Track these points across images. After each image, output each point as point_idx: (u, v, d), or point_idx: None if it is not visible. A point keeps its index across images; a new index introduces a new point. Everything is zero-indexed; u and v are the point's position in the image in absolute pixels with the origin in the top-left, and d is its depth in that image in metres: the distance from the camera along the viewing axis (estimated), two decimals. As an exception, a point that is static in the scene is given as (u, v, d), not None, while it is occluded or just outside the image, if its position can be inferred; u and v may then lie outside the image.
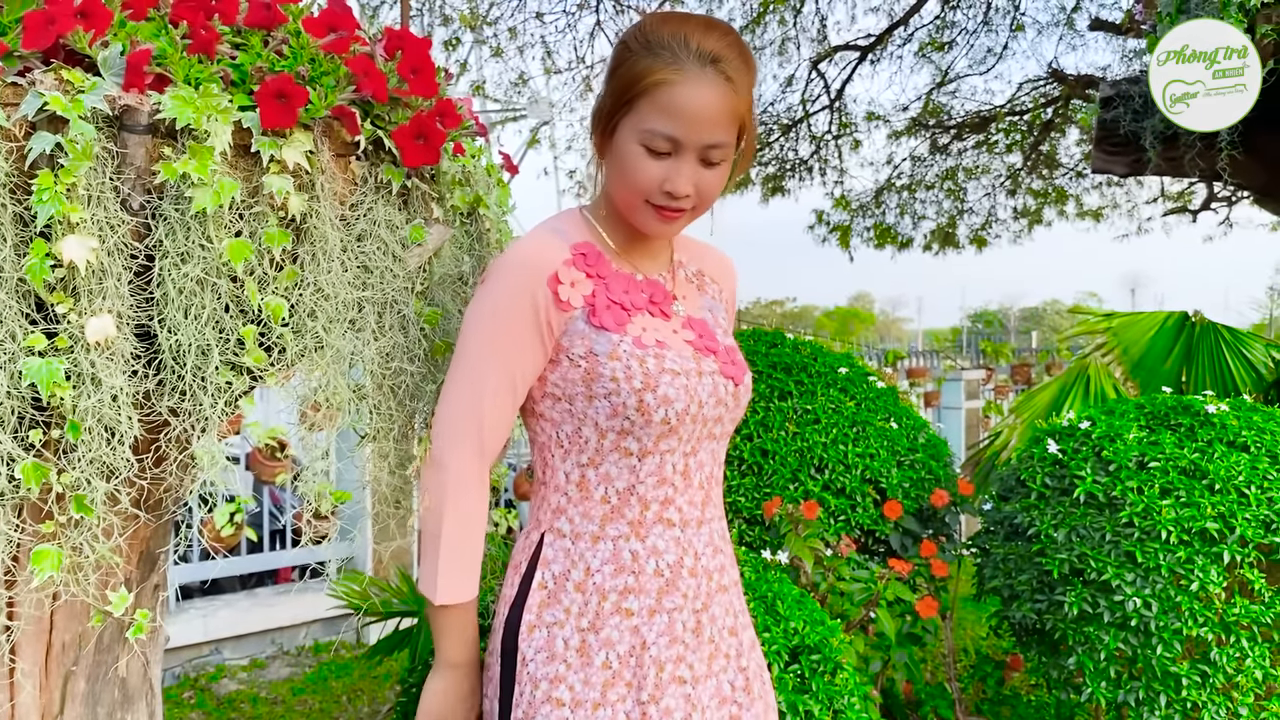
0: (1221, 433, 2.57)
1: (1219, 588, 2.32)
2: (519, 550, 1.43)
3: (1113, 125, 3.64)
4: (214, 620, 5.41)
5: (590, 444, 1.38)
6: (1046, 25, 11.54)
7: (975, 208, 13.64)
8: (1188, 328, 5.50)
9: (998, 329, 39.23)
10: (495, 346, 1.39)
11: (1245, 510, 2.37)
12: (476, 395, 1.40)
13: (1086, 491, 2.53)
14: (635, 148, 1.35)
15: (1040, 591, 2.53)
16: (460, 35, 10.42)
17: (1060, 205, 13.58)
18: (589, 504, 1.38)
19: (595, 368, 1.36)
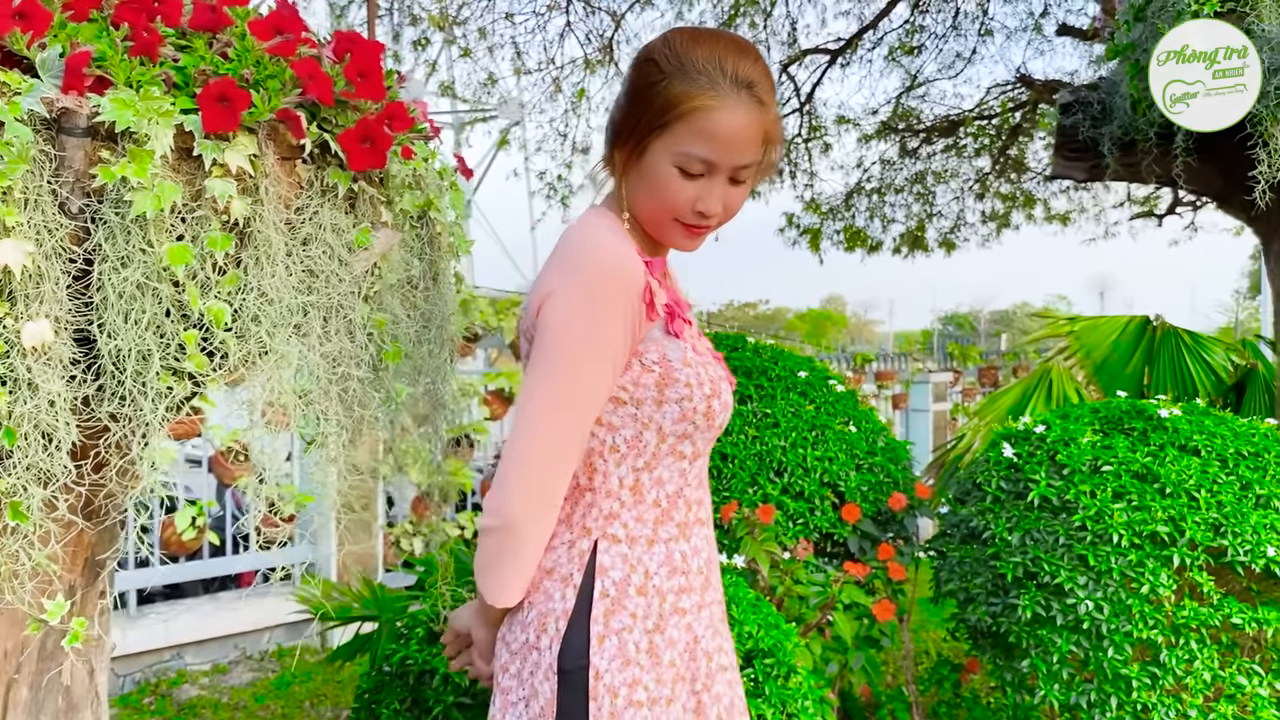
0: (1174, 437, 2.60)
1: (1169, 590, 2.34)
2: (562, 560, 1.38)
3: (1072, 131, 3.68)
4: (175, 625, 5.36)
5: (649, 448, 1.39)
6: (1015, 30, 11.65)
7: (944, 211, 13.72)
8: (1149, 332, 5.57)
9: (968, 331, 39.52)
10: (598, 376, 1.34)
11: (1195, 514, 2.40)
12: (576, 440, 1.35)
13: (1040, 495, 2.55)
14: (669, 168, 1.38)
15: (995, 594, 2.55)
16: (429, 35, 10.38)
17: (1028, 209, 13.69)
18: (642, 508, 1.40)
19: (670, 373, 1.38)
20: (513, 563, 1.34)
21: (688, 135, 1.35)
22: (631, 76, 1.41)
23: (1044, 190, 13.06)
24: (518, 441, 1.33)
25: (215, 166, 1.35)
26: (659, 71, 1.37)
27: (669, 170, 1.37)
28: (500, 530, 1.33)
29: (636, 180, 1.41)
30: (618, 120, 1.43)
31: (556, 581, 1.37)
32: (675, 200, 1.39)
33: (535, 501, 1.32)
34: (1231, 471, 2.50)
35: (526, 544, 1.34)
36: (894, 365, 10.77)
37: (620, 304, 1.33)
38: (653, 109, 1.37)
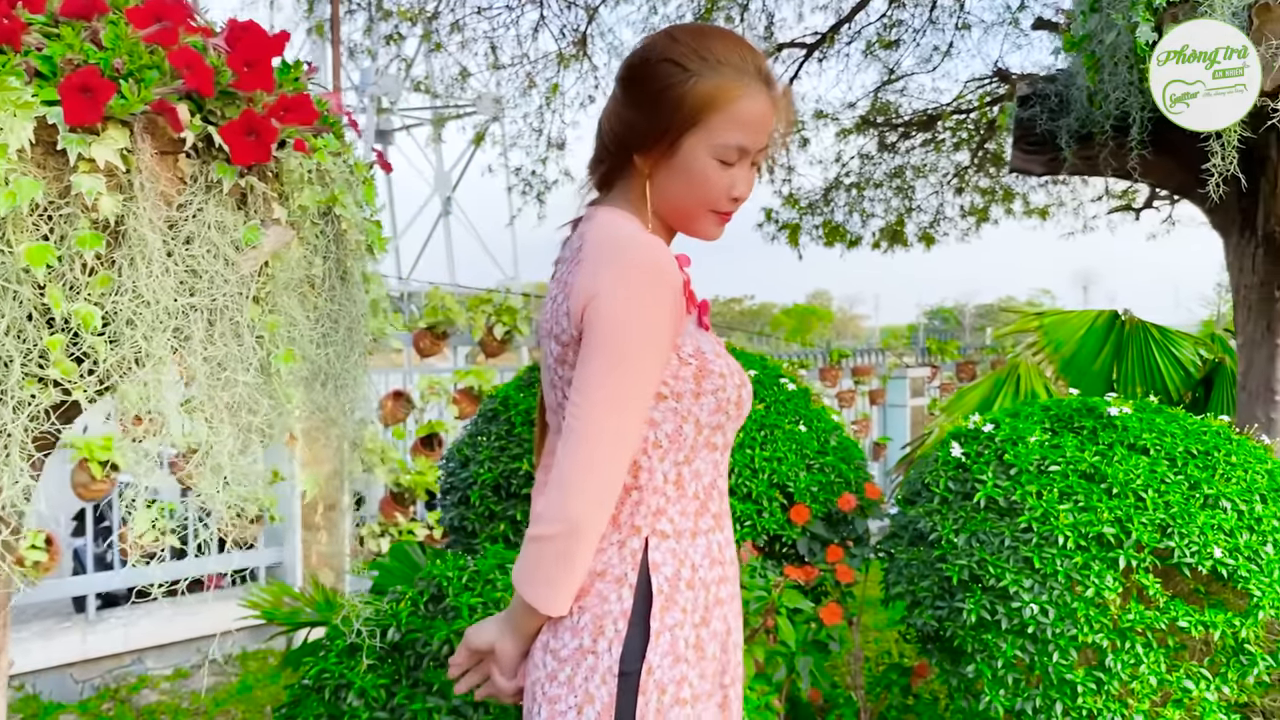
0: (1123, 435, 2.55)
1: (1114, 593, 2.29)
2: (614, 561, 1.38)
3: (1029, 124, 3.63)
4: (135, 630, 5.29)
5: (689, 441, 1.41)
6: (992, 24, 11.60)
7: (923, 206, 13.67)
8: (1118, 327, 5.53)
9: (953, 325, 39.61)
10: (655, 372, 1.36)
11: (1142, 514, 2.35)
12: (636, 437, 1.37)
13: (987, 496, 2.50)
14: (707, 161, 1.42)
15: (941, 598, 2.50)
16: (401, 30, 10.27)
17: (1007, 203, 13.66)
18: (685, 501, 1.42)
19: (705, 365, 1.41)
20: (572, 568, 1.34)
21: (725, 126, 1.40)
22: (644, 80, 1.43)
23: (1023, 184, 13.03)
24: (582, 441, 1.32)
25: (81, 161, 1.28)
26: (683, 71, 1.41)
27: (707, 163, 1.42)
28: (562, 536, 1.32)
29: (667, 178, 1.44)
30: (638, 125, 1.44)
31: (610, 583, 1.37)
32: (714, 191, 1.44)
33: (599, 503, 1.33)
34: (1180, 471, 2.45)
35: (586, 547, 1.34)
36: (872, 360, 10.70)
37: (670, 299, 1.36)
38: (685, 107, 1.40)
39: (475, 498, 2.87)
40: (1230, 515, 2.37)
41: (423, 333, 6.85)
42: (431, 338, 6.88)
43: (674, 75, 1.41)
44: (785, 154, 12.77)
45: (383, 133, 21.59)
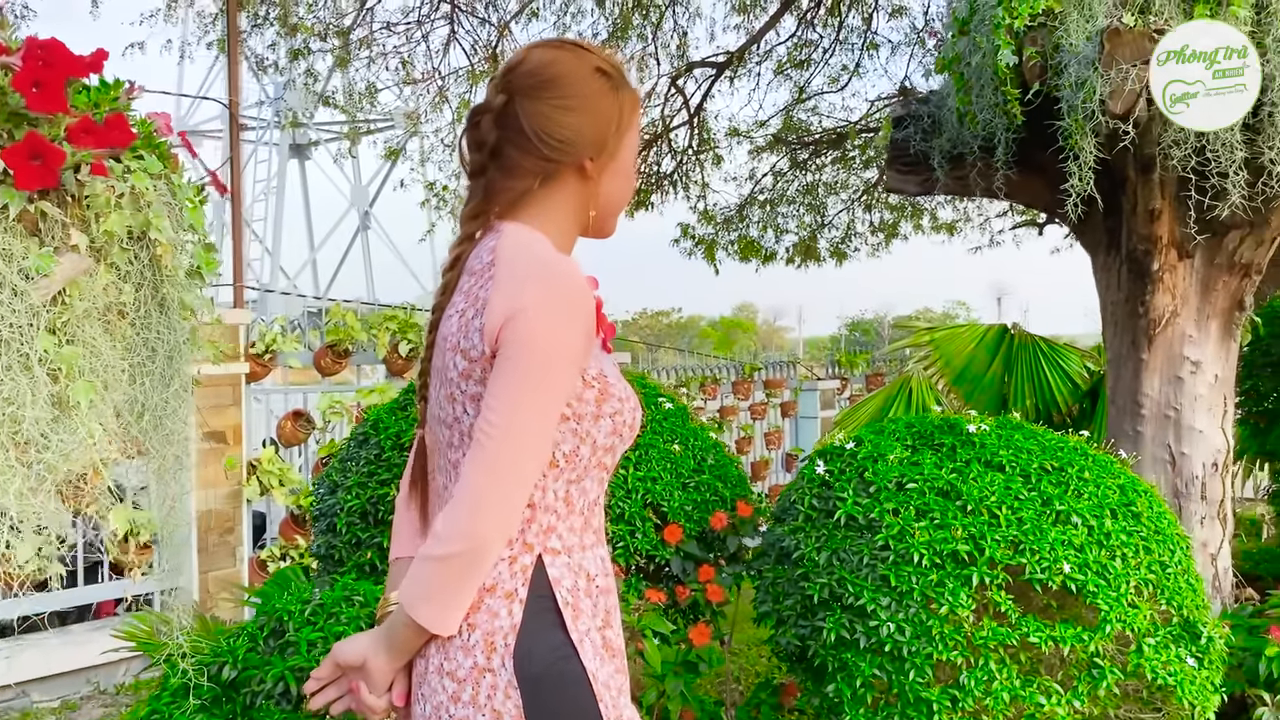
0: (980, 452, 2.58)
1: (967, 610, 2.31)
2: (504, 577, 1.37)
3: (904, 145, 3.68)
4: (18, 661, 5.08)
5: (583, 461, 1.41)
6: (899, 44, 11.81)
7: (835, 222, 13.87)
8: (1007, 340, 5.64)
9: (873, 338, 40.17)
10: (565, 397, 1.37)
11: (995, 531, 2.38)
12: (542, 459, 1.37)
13: (847, 514, 2.51)
14: (632, 160, 1.53)
15: (803, 616, 2.50)
16: (309, 44, 10.12)
17: (916, 220, 13.91)
18: (573, 518, 1.43)
19: (607, 388, 1.42)
20: (469, 588, 1.33)
21: (636, 128, 1.52)
22: (579, 88, 1.46)
23: (931, 200, 13.29)
24: (495, 459, 1.32)
25: None
26: (610, 81, 1.48)
27: (632, 161, 1.53)
28: (466, 554, 1.31)
29: (611, 180, 1.49)
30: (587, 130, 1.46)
31: (500, 598, 1.36)
32: (633, 186, 1.55)
33: (507, 522, 1.34)
34: (1034, 487, 2.49)
35: (486, 566, 1.34)
36: (782, 373, 10.80)
37: (588, 322, 1.37)
38: (620, 114, 1.48)
39: (341, 524, 2.81)
40: (1081, 531, 2.41)
41: (324, 351, 6.72)
42: (333, 356, 6.75)
43: (605, 85, 1.47)
44: (701, 171, 12.88)
45: (299, 147, 21.29)
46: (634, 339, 46.77)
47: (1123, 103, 2.82)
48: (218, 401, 6.32)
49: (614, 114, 1.47)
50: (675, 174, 12.52)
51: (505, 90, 1.46)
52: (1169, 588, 2.47)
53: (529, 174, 1.45)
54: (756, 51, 11.87)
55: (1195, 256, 3.38)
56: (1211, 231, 3.32)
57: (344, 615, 2.02)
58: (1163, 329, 3.41)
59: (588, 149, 1.45)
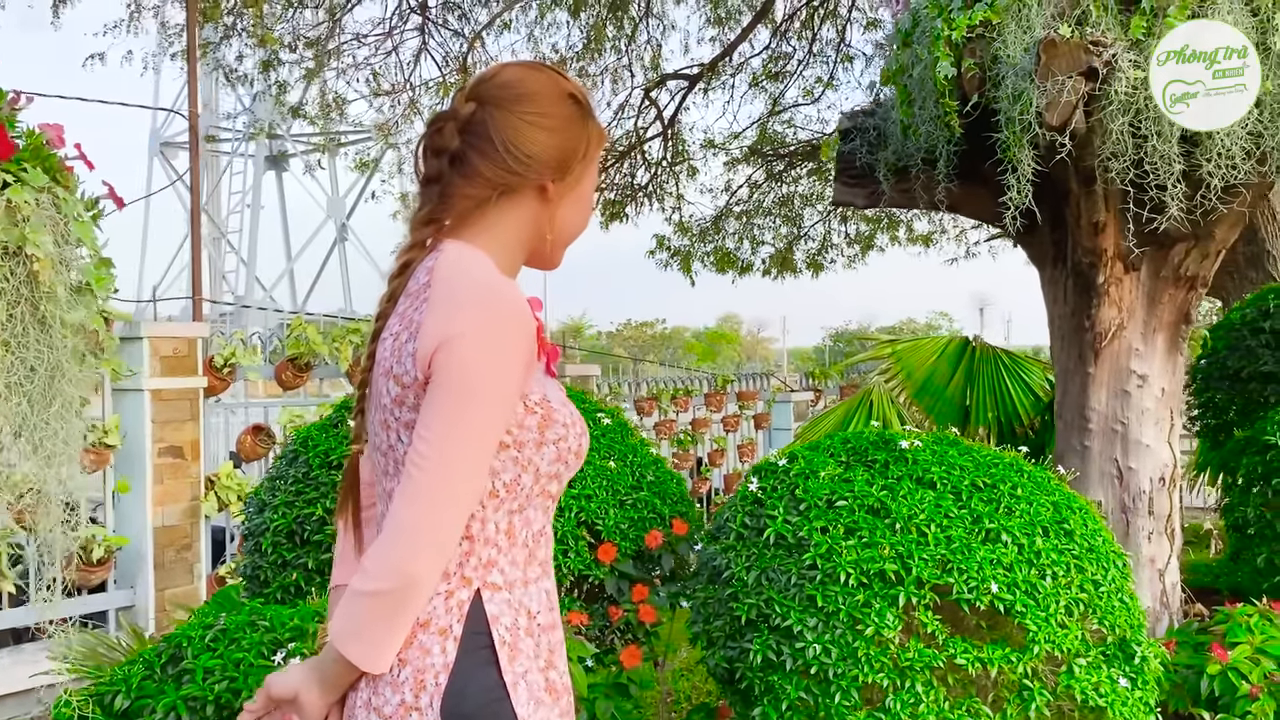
0: (912, 469, 2.54)
1: (894, 631, 2.27)
2: (439, 613, 1.31)
3: (850, 157, 3.65)
4: (-38, 682, 4.98)
5: (524, 490, 1.36)
6: (872, 56, 11.83)
7: (811, 233, 13.88)
8: (969, 353, 5.62)
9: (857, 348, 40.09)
10: (501, 425, 1.31)
11: (923, 550, 2.33)
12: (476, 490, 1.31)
13: (777, 532, 2.46)
14: (591, 192, 1.50)
15: (732, 638, 2.45)
16: (279, 56, 10.06)
17: (892, 231, 13.93)
18: (515, 551, 1.37)
19: (551, 414, 1.36)
20: (400, 625, 1.27)
21: (596, 163, 1.49)
22: (554, 108, 1.43)
23: (906, 212, 13.30)
24: (426, 491, 1.26)
25: None
26: (579, 106, 1.45)
27: (590, 194, 1.49)
28: (398, 591, 1.25)
29: (569, 206, 1.46)
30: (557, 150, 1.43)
31: (434, 635, 1.31)
32: (588, 219, 1.51)
33: (438, 556, 1.28)
34: (965, 504, 2.45)
35: (419, 603, 1.28)
36: (755, 385, 10.76)
37: (526, 348, 1.32)
38: (587, 139, 1.45)
39: (267, 544, 2.75)
40: (1010, 549, 2.37)
41: (285, 364, 6.65)
42: (294, 370, 6.67)
43: (575, 110, 1.44)
44: (675, 183, 12.88)
45: (276, 158, 21.17)
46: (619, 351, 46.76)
47: (1059, 114, 2.79)
48: (175, 416, 6.24)
49: (581, 141, 1.45)
50: (650, 186, 12.52)
51: (475, 99, 1.42)
52: (1101, 606, 2.43)
53: (489, 185, 1.40)
54: (730, 64, 11.88)
55: (1141, 269, 3.36)
56: (1157, 244, 3.30)
57: (245, 641, 1.96)
58: (1109, 342, 3.38)
59: (552, 170, 1.42)
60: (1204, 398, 4.67)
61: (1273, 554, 3.47)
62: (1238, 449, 3.84)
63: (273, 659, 1.94)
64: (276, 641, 1.99)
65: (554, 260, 1.51)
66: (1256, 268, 6.65)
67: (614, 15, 11.72)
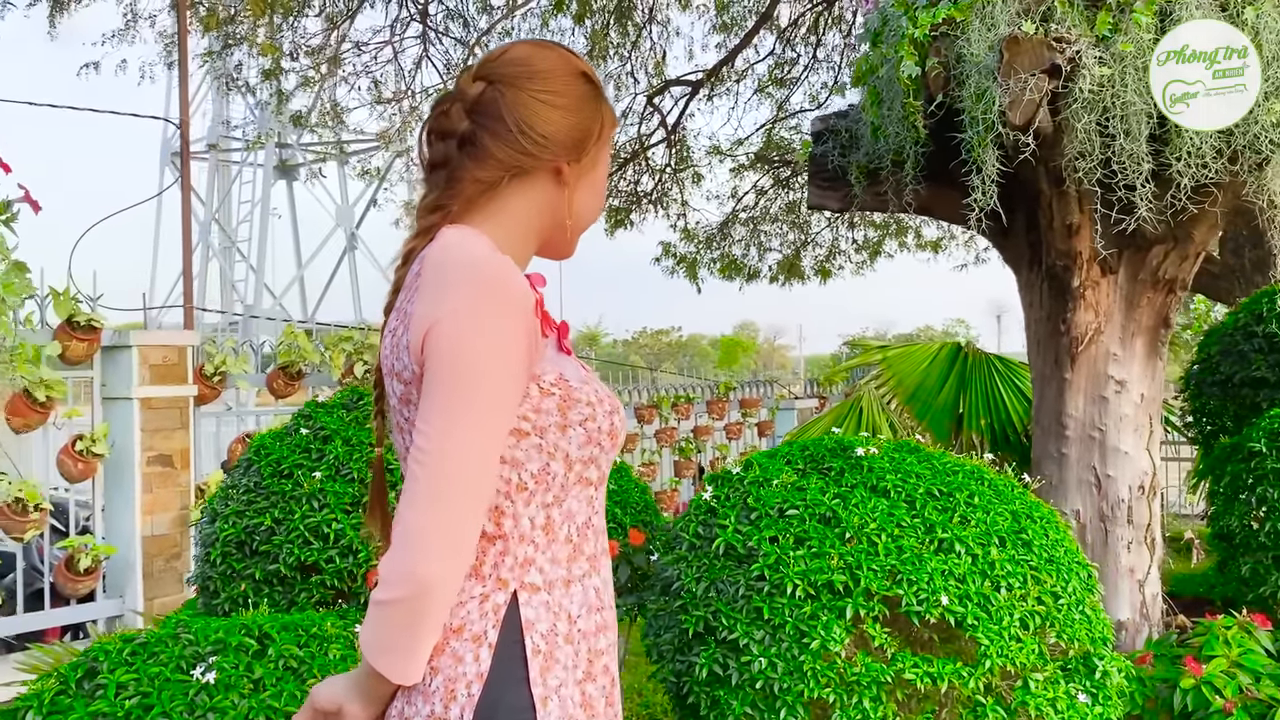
0: (867, 476, 2.48)
1: (840, 645, 2.20)
2: (473, 618, 1.23)
3: (823, 160, 3.59)
4: (-53, 693, 4.96)
5: (558, 479, 1.28)
6: (876, 61, 11.70)
7: (819, 240, 13.80)
8: (961, 358, 5.54)
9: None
10: (508, 408, 1.21)
11: (873, 561, 2.27)
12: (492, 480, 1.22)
13: (726, 542, 2.40)
14: (605, 176, 1.42)
15: (680, 651, 2.39)
16: (280, 64, 10.08)
17: (900, 237, 13.83)
18: (555, 547, 1.28)
19: (570, 393, 1.27)
20: (422, 634, 1.19)
21: (610, 146, 1.42)
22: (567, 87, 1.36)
23: (915, 218, 13.19)
24: (428, 489, 1.16)
25: None
26: (592, 85, 1.39)
27: (604, 179, 1.42)
28: (413, 599, 1.16)
29: (584, 190, 1.39)
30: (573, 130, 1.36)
31: (467, 641, 1.22)
32: (601, 206, 1.44)
33: (453, 559, 1.18)
34: (918, 513, 2.38)
35: (439, 609, 1.19)
36: (759, 392, 10.68)
37: (521, 320, 1.21)
38: (601, 120, 1.38)
39: (216, 555, 2.70)
40: (964, 560, 2.30)
41: (276, 373, 6.62)
42: (285, 378, 6.64)
43: (589, 87, 1.38)
44: (680, 190, 12.84)
45: (286, 167, 21.25)
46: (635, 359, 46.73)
47: (1022, 113, 2.72)
48: (165, 425, 6.22)
49: (596, 121, 1.37)
50: (655, 192, 12.47)
51: (484, 78, 1.33)
52: (1060, 619, 2.35)
53: (500, 167, 1.31)
54: (734, 70, 11.84)
55: (1119, 272, 3.28)
56: (1134, 247, 3.22)
57: (164, 655, 1.91)
58: (1086, 347, 3.30)
59: (567, 151, 1.34)
60: (1197, 404, 4.57)
61: (1257, 564, 3.38)
62: (1224, 456, 3.74)
63: (191, 674, 1.89)
64: (197, 655, 1.94)
65: (570, 248, 1.43)
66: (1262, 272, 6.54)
67: (619, 22, 11.71)
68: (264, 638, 2.02)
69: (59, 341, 5.15)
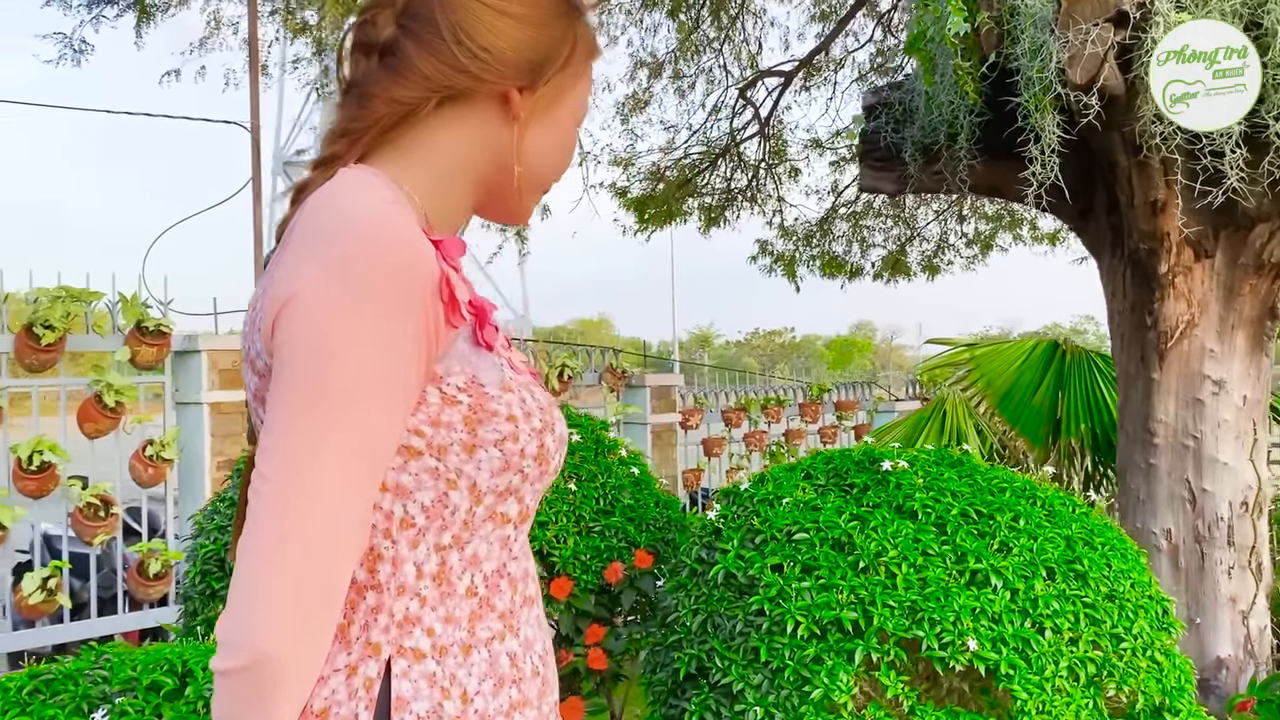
0: (893, 494, 2.13)
1: (846, 695, 1.87)
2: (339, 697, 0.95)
3: (875, 138, 3.23)
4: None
5: (459, 514, 0.98)
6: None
7: (926, 234, 13.24)
8: (1058, 357, 5.07)
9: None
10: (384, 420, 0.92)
11: (890, 595, 1.93)
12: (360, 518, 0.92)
13: (725, 570, 2.10)
14: (573, 121, 1.10)
15: (673, 694, 2.10)
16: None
17: (1014, 229, 13.15)
18: (452, 602, 0.99)
19: (484, 403, 0.97)
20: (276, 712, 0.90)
21: (586, 83, 1.11)
22: None
23: (1029, 209, 12.51)
24: (271, 528, 0.88)
25: None
26: (571, 4, 1.08)
27: (574, 122, 1.11)
28: (249, 670, 0.87)
29: (544, 130, 1.07)
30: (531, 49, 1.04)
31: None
32: (569, 159, 1.12)
33: (303, 621, 0.89)
34: (949, 539, 2.03)
35: (290, 684, 0.90)
36: (856, 394, 10.22)
37: (409, 304, 0.91)
38: (572, 42, 1.07)
39: (195, 572, 2.53)
40: (1001, 595, 1.94)
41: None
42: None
43: (564, 5, 1.07)
44: (776, 185, 12.46)
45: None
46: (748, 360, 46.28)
47: (1083, 70, 2.34)
48: (234, 429, 6.21)
49: (564, 42, 1.06)
50: (749, 189, 12.12)
51: None
52: (1120, 668, 1.97)
53: (425, 85, 1.01)
54: (831, 59, 11.41)
55: (1215, 256, 2.84)
56: (1234, 226, 2.78)
57: (67, 695, 1.72)
58: (1176, 342, 2.87)
59: (518, 73, 1.04)
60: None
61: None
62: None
63: (91, 717, 1.69)
64: (104, 695, 1.74)
65: (521, 206, 1.11)
66: None
67: (713, 15, 11.41)
68: (187, 675, 1.82)
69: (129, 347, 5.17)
